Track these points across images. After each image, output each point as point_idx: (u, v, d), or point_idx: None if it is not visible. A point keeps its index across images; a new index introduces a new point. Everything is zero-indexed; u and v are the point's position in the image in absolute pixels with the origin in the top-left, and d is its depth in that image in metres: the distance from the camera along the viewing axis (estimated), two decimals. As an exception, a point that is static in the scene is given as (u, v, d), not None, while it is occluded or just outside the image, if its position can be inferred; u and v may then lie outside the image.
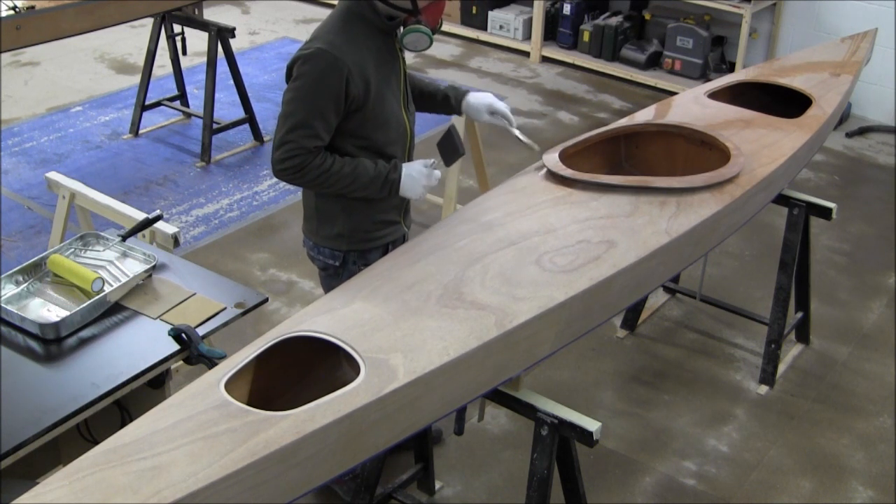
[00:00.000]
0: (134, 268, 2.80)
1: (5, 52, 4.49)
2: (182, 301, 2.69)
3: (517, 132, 2.97)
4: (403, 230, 2.97)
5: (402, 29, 2.68)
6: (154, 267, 2.79)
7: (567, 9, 6.91)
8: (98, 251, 2.87)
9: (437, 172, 2.80)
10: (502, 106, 2.99)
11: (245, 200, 5.11)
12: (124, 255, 2.86)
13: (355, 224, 2.84)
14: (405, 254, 2.49)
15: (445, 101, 3.01)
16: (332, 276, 2.93)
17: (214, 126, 5.44)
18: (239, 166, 5.45)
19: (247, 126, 5.66)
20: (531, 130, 5.98)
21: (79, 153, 5.51)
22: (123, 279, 2.72)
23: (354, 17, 2.68)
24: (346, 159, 2.69)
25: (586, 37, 6.87)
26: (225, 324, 2.65)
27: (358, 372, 2.06)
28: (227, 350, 2.40)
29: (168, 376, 2.66)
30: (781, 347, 3.86)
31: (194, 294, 2.72)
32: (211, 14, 6.43)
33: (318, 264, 2.96)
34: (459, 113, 3.02)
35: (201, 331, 2.56)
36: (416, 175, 2.75)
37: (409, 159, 2.89)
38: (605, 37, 6.80)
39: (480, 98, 2.99)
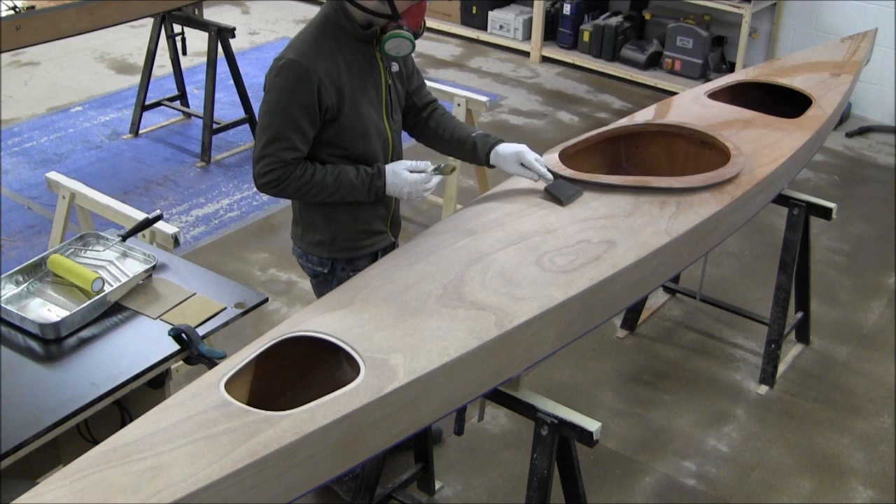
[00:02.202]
0: (134, 268, 2.80)
1: (5, 52, 4.49)
2: (182, 301, 2.69)
3: (544, 185, 2.77)
4: (390, 239, 2.94)
5: (383, 36, 2.64)
6: (154, 267, 2.79)
7: (567, 9, 6.91)
8: (98, 251, 2.87)
9: (432, 180, 2.73)
10: (532, 158, 2.77)
11: (245, 200, 5.11)
12: (124, 255, 2.86)
13: (337, 233, 2.83)
14: (405, 254, 2.49)
15: (473, 150, 2.86)
16: (323, 284, 2.93)
17: (214, 126, 5.44)
18: (239, 166, 5.45)
19: (247, 126, 5.66)
20: (531, 130, 5.99)
21: (79, 153, 5.51)
22: (123, 279, 2.72)
23: (330, 27, 2.65)
24: (328, 167, 2.67)
25: (586, 37, 6.87)
26: (225, 324, 2.65)
27: (358, 372, 2.06)
28: (227, 350, 2.40)
29: (168, 376, 2.66)
30: (781, 347, 3.86)
31: (194, 294, 2.72)
32: (211, 14, 6.43)
33: (308, 272, 2.96)
34: (487, 164, 2.84)
35: (201, 331, 2.56)
36: (400, 183, 2.71)
37: None
38: (605, 37, 6.80)
39: (511, 148, 2.80)
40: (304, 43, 2.62)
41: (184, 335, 2.48)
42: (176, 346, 2.50)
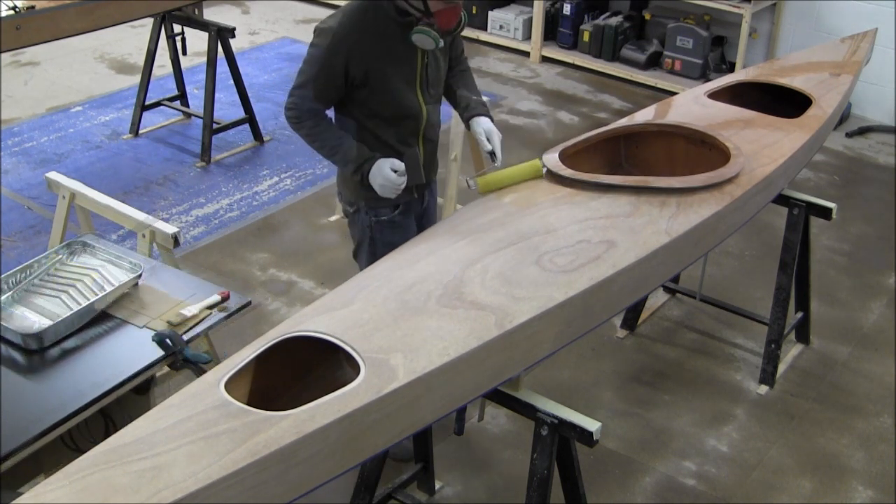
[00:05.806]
0: (120, 276, 2.78)
1: (5, 52, 4.49)
2: (168, 310, 2.68)
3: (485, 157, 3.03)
4: (411, 196, 3.06)
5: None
6: (140, 276, 2.78)
7: (567, 9, 6.91)
8: (85, 259, 2.86)
9: (400, 180, 2.89)
10: (497, 139, 3.06)
11: (245, 200, 5.11)
12: (111, 263, 2.85)
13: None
14: (405, 254, 2.49)
15: (465, 109, 3.13)
16: (351, 224, 3.15)
17: (214, 126, 5.44)
18: (239, 166, 5.45)
19: (247, 126, 5.66)
20: (531, 130, 5.99)
21: (79, 153, 5.51)
22: (109, 288, 2.71)
23: (373, 4, 2.83)
24: (339, 133, 2.89)
25: (586, 37, 6.87)
26: (210, 327, 2.66)
27: (358, 372, 2.06)
28: (228, 350, 2.40)
29: (153, 382, 2.65)
30: (781, 347, 3.86)
31: (181, 301, 2.71)
32: (211, 14, 6.43)
33: (342, 210, 3.19)
34: (467, 126, 3.11)
35: (187, 336, 2.56)
36: (377, 174, 2.89)
37: (423, 139, 3.03)
38: (605, 37, 6.79)
39: (488, 124, 3.09)
40: (346, 15, 2.84)
41: (168, 340, 2.49)
42: (161, 353, 2.50)
